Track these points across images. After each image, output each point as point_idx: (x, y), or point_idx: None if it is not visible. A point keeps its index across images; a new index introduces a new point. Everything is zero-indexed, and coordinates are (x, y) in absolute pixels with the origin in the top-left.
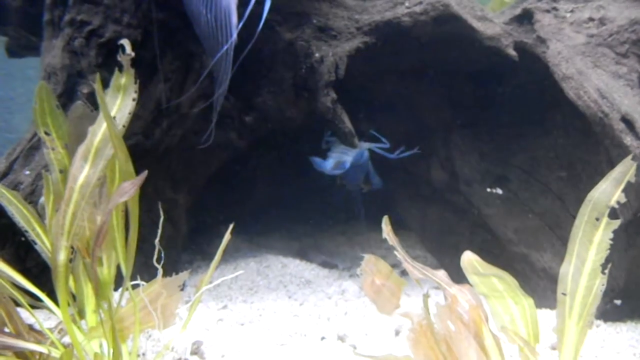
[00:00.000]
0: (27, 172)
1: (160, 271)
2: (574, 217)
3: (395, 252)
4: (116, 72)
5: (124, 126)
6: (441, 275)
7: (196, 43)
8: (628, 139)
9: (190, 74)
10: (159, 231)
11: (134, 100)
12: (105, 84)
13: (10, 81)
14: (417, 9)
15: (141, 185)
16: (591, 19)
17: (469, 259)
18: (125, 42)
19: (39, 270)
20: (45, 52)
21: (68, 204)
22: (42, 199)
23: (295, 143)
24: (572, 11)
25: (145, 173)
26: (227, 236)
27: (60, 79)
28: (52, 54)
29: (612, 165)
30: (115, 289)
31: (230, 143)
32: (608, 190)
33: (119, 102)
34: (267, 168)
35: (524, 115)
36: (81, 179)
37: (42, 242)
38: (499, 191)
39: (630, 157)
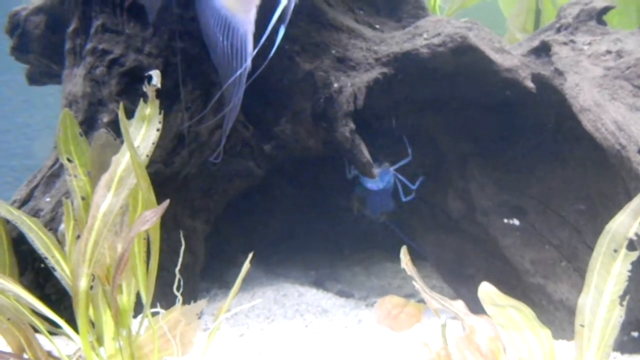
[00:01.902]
0: (48, 199)
1: (180, 299)
2: (591, 249)
3: (414, 282)
4: (141, 102)
5: (147, 156)
6: (459, 305)
7: (216, 72)
8: None
9: (210, 102)
10: (180, 259)
11: (157, 130)
12: (126, 113)
13: (29, 108)
14: (436, 40)
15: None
16: (608, 52)
17: (486, 290)
18: (155, 74)
19: (57, 297)
20: (67, 80)
21: (90, 232)
22: (62, 226)
23: (313, 172)
24: (589, 44)
25: (167, 202)
26: (247, 265)
27: (81, 107)
28: (73, 82)
29: (629, 197)
30: (134, 317)
31: (249, 172)
32: (626, 222)
33: (144, 132)
34: (284, 197)
35: (540, 147)
36: (104, 207)
37: (62, 269)
38: (516, 222)
39: None
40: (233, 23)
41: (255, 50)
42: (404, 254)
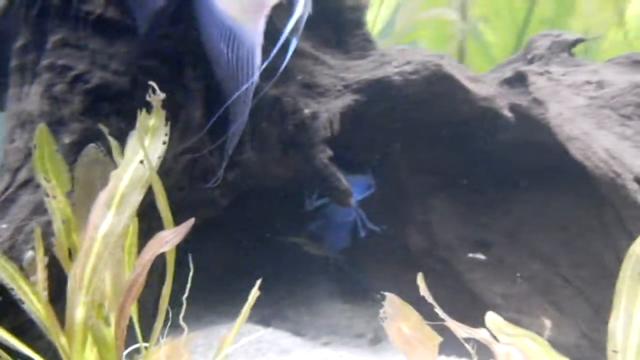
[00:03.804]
0: (4, 226)
1: (185, 329)
2: (568, 282)
3: (436, 310)
4: (143, 113)
5: None
6: (485, 334)
7: (184, 94)
8: None
9: (177, 126)
10: (188, 285)
11: (164, 143)
12: (91, 134)
13: None
14: (408, 68)
15: None
16: (588, 82)
17: (493, 320)
18: (153, 84)
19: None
20: (14, 99)
21: (88, 256)
22: (29, 254)
23: (262, 206)
24: (564, 75)
25: (191, 221)
26: (255, 291)
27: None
28: (26, 101)
29: (623, 226)
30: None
31: (214, 201)
32: None
33: (147, 145)
34: (232, 231)
35: (509, 178)
36: (104, 228)
37: (31, 301)
38: (482, 257)
39: None
40: (239, 34)
41: (265, 64)
42: (420, 280)
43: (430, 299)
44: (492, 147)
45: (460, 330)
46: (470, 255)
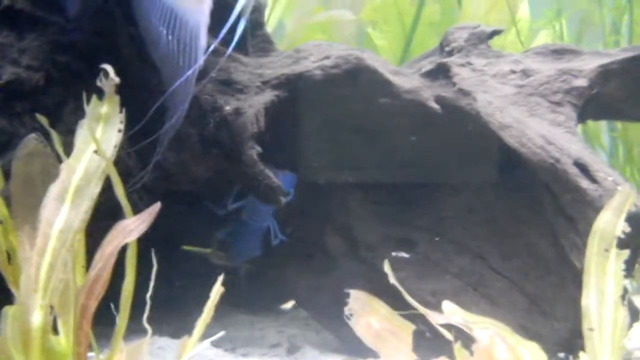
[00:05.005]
0: None
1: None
2: (500, 274)
3: (408, 299)
4: (94, 100)
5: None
6: (460, 319)
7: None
8: (584, 183)
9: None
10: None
11: (119, 131)
12: (3, 134)
13: None
14: (327, 62)
15: None
16: (513, 71)
17: (451, 309)
18: (108, 67)
19: None
20: None
21: (42, 254)
22: None
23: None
24: (486, 65)
25: (157, 205)
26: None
27: None
28: None
29: (562, 211)
30: None
31: (134, 205)
32: (612, 220)
33: (100, 135)
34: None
35: (431, 174)
36: (60, 223)
37: None
38: (405, 255)
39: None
40: (181, 14)
41: (212, 48)
42: (388, 268)
43: (399, 287)
44: (413, 141)
45: (439, 318)
46: (394, 254)
